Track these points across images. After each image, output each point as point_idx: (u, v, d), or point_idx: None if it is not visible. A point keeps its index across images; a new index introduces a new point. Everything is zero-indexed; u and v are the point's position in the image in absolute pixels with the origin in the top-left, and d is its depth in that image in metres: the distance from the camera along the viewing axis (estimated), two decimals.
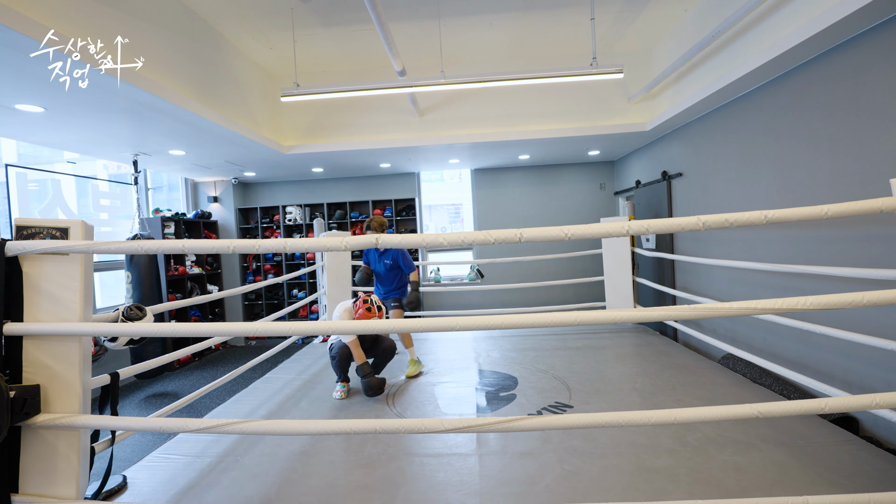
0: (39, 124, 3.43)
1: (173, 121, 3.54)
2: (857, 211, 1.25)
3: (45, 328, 1.49)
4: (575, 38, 4.34)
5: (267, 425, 1.49)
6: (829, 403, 1.32)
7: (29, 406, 1.49)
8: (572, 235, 1.22)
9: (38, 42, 2.16)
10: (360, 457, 2.12)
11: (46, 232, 1.52)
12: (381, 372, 3.16)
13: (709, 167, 4.03)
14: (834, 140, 2.65)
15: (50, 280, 1.52)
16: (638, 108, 4.76)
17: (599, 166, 6.74)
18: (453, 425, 1.33)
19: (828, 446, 2.02)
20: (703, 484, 1.78)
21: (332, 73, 4.89)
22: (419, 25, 3.95)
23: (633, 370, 3.24)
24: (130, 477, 2.06)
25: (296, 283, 6.99)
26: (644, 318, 1.34)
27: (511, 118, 4.90)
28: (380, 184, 6.96)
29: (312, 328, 1.45)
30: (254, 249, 1.32)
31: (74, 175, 5.08)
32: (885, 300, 1.27)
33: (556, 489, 1.80)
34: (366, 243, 1.27)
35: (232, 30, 3.92)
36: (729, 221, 1.22)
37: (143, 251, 1.36)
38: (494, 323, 1.39)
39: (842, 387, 2.60)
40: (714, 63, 3.53)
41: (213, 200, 6.77)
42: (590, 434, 2.22)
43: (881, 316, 2.35)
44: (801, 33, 2.51)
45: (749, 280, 3.48)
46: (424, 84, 3.58)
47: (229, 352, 6.42)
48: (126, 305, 1.72)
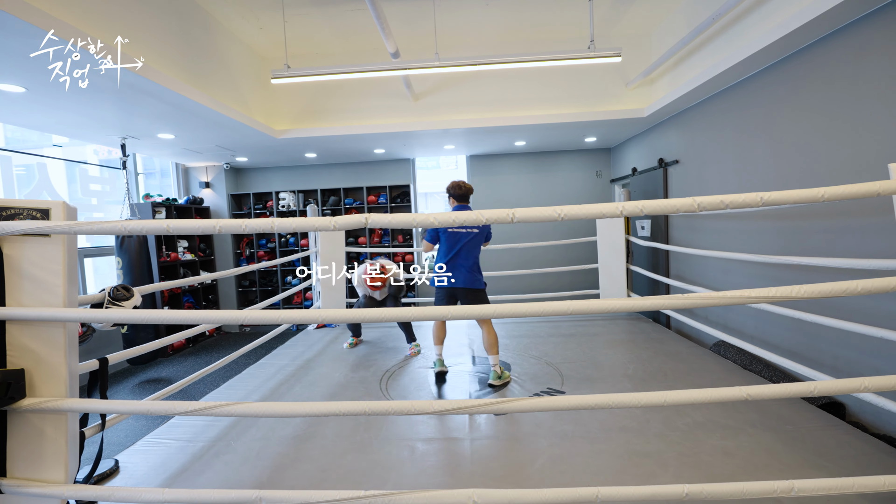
0: (22, 105, 3.34)
1: (161, 103, 3.45)
2: (853, 194, 1.24)
3: (28, 313, 1.46)
4: (572, 20, 4.26)
5: (257, 407, 1.47)
6: (817, 387, 1.32)
7: (13, 390, 1.46)
8: (565, 216, 1.20)
9: (21, 20, 2.07)
10: (353, 441, 2.12)
11: (27, 213, 1.47)
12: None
13: (705, 155, 4.01)
14: (832, 126, 2.63)
15: (32, 262, 1.49)
16: (636, 93, 4.70)
17: (596, 153, 6.70)
18: (442, 406, 1.33)
19: (815, 431, 2.05)
20: (691, 468, 1.80)
21: (325, 56, 4.78)
22: (413, 6, 3.85)
23: (625, 357, 3.26)
24: (122, 461, 2.06)
25: (290, 269, 6.96)
26: (637, 308, 1.33)
27: (507, 103, 4.83)
28: (374, 170, 6.89)
29: (301, 317, 1.43)
30: (240, 229, 1.29)
31: (63, 159, 4.98)
32: (879, 288, 1.26)
33: (546, 473, 1.82)
34: (354, 223, 1.24)
35: (220, 9, 3.81)
36: (724, 203, 1.20)
37: (126, 231, 1.32)
38: (488, 312, 1.38)
39: (831, 373, 2.63)
40: (712, 48, 3.48)
41: (205, 186, 6.68)
42: (580, 419, 2.24)
43: (873, 304, 2.37)
44: (800, 17, 2.46)
45: (743, 269, 3.48)
46: (418, 66, 3.51)
47: (223, 338, 6.41)
48: (113, 286, 1.69)
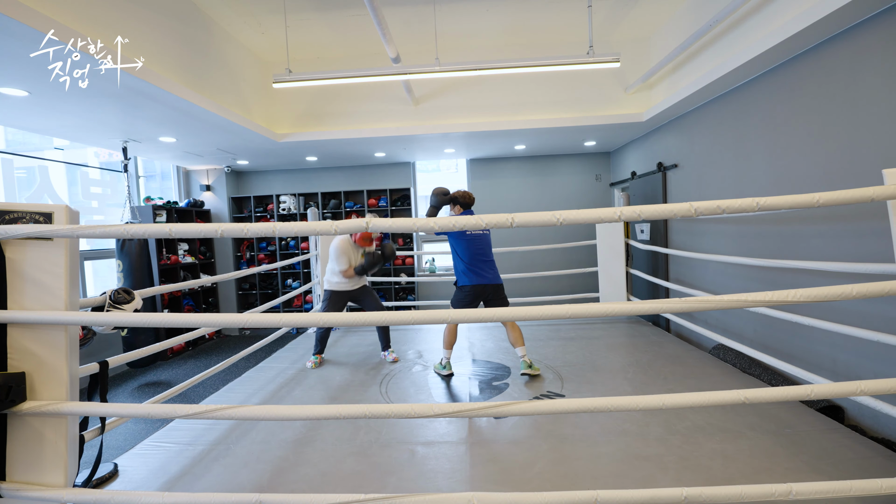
0: (24, 109, 3.35)
1: (163, 106, 3.47)
2: (848, 199, 1.25)
3: (30, 316, 1.47)
4: (572, 25, 4.29)
5: (257, 410, 1.48)
6: (814, 390, 1.33)
7: (14, 393, 1.47)
8: (564, 220, 1.21)
9: (22, 24, 2.09)
10: (352, 445, 2.13)
11: (29, 217, 1.48)
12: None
13: (704, 159, 4.02)
14: (829, 132, 2.64)
15: (34, 266, 1.49)
16: (634, 98, 4.73)
17: (595, 157, 6.72)
18: (442, 410, 1.33)
19: (814, 434, 2.06)
20: (691, 471, 1.80)
21: (326, 60, 4.81)
22: (414, 11, 3.88)
23: (625, 360, 3.27)
24: (122, 465, 2.05)
25: (290, 272, 6.96)
26: (636, 311, 1.34)
27: (507, 107, 4.85)
28: (375, 173, 6.91)
29: (301, 320, 1.44)
30: (242, 233, 1.30)
31: (64, 162, 4.99)
32: (875, 292, 1.27)
33: (546, 476, 1.82)
34: (355, 227, 1.25)
35: (223, 13, 3.83)
36: (721, 208, 1.22)
37: (128, 235, 1.33)
38: (487, 315, 1.39)
39: (829, 377, 2.63)
40: (711, 53, 3.50)
41: (206, 189, 6.69)
42: (580, 423, 2.24)
43: (870, 308, 2.37)
44: (797, 23, 2.49)
45: (741, 273, 3.50)
46: (419, 71, 3.53)
47: (223, 341, 6.41)
48: (114, 289, 1.70)
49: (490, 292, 3.02)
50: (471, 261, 3.00)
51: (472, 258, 3.01)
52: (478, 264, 3.00)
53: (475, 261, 3.00)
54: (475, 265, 3.00)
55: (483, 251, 3.03)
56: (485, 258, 3.03)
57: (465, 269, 3.01)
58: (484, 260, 3.02)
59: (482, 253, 3.03)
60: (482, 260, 3.01)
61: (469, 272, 2.99)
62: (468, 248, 3.01)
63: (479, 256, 3.01)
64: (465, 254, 3.01)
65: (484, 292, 3.01)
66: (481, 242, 3.05)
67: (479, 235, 3.06)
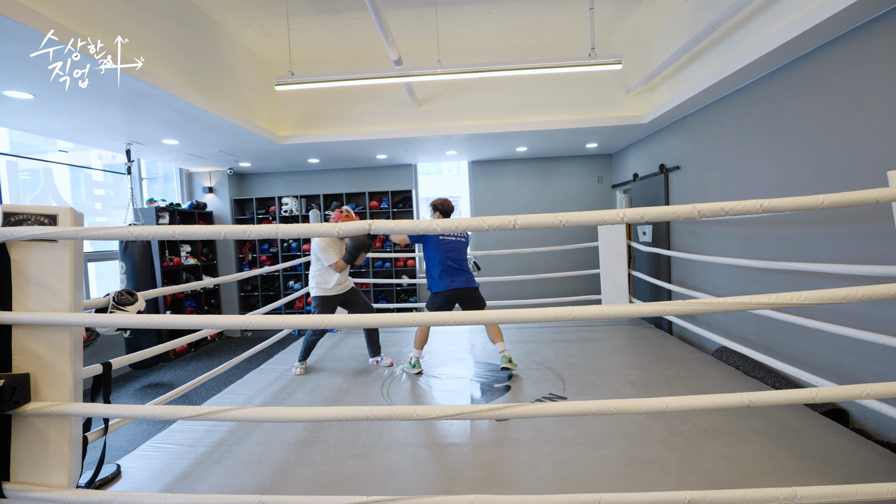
0: (29, 112, 3.38)
1: (166, 109, 3.49)
2: (852, 201, 1.25)
3: (35, 318, 1.47)
4: (574, 28, 4.30)
5: (259, 412, 1.48)
6: (819, 393, 1.32)
7: (18, 395, 1.48)
8: (566, 222, 1.21)
9: (28, 28, 2.11)
10: (354, 447, 2.12)
11: (34, 219, 1.49)
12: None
13: (706, 161, 4.02)
14: (832, 133, 2.64)
15: (39, 267, 1.50)
16: (636, 100, 4.73)
17: (597, 159, 6.72)
18: (444, 412, 1.33)
19: (818, 438, 2.04)
20: (694, 475, 1.79)
21: (328, 63, 4.83)
22: (416, 13, 3.89)
23: (627, 362, 3.26)
24: (124, 466, 2.06)
25: (292, 274, 6.97)
26: (638, 314, 1.34)
27: (509, 109, 4.86)
28: (377, 175, 6.92)
29: (303, 322, 1.44)
30: (245, 235, 1.31)
31: (68, 164, 5.02)
32: (880, 295, 1.26)
33: (548, 479, 1.81)
34: (358, 229, 1.26)
35: (225, 16, 3.85)
36: (724, 210, 1.21)
37: (132, 237, 1.34)
38: (489, 318, 1.39)
39: (834, 380, 2.62)
40: (713, 55, 3.50)
41: (209, 191, 6.72)
42: (582, 425, 2.23)
43: (875, 311, 2.36)
44: (800, 24, 2.48)
45: (744, 275, 3.48)
46: (421, 73, 3.54)
47: (225, 342, 6.42)
48: (117, 291, 1.71)
49: (463, 295, 3.10)
50: (444, 267, 3.08)
51: (446, 264, 3.08)
52: (450, 270, 3.08)
53: (448, 267, 3.08)
54: (448, 271, 3.08)
55: (456, 258, 3.11)
56: (457, 265, 3.10)
57: (437, 274, 3.08)
58: (457, 267, 3.10)
59: (454, 259, 3.10)
60: (454, 267, 3.09)
61: (442, 278, 3.07)
62: (442, 254, 3.09)
63: (451, 262, 3.08)
64: (438, 260, 3.09)
65: (457, 296, 3.10)
66: (456, 249, 3.12)
67: (455, 242, 3.13)
